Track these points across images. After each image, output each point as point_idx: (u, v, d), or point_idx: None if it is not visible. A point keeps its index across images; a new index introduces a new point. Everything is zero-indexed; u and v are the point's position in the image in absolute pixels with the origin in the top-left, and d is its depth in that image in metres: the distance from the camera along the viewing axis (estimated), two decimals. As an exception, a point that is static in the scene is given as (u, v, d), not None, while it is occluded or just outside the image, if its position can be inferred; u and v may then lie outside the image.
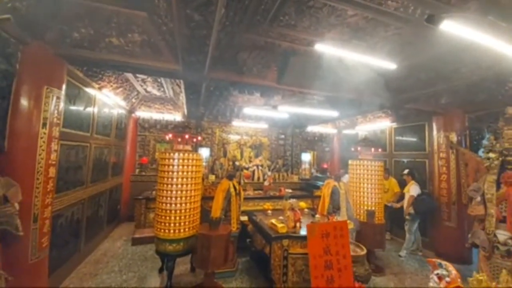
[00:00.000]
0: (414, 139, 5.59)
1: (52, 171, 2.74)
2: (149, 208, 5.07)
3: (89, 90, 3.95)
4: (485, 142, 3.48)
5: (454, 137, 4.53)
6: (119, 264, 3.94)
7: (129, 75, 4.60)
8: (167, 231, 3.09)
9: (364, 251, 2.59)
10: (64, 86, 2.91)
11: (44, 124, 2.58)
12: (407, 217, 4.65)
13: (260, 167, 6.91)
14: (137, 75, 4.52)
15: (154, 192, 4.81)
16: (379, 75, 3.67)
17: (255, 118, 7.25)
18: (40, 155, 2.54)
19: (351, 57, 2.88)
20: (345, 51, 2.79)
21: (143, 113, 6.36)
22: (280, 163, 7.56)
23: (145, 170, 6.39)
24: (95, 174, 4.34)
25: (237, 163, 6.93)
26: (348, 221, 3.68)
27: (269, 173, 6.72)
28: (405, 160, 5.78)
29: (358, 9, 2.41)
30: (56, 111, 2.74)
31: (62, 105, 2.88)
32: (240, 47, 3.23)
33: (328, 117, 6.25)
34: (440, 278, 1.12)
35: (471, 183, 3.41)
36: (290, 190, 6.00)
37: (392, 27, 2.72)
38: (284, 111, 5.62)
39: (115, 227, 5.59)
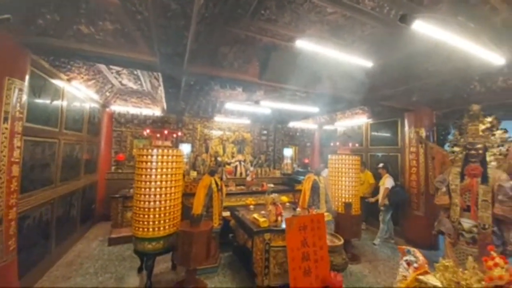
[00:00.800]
0: (388, 135, 5.90)
1: (16, 170, 2.53)
2: (127, 206, 4.87)
3: (56, 81, 3.66)
4: (450, 137, 3.75)
5: (423, 133, 4.87)
6: (95, 265, 3.76)
7: (102, 67, 4.32)
8: (145, 229, 3.00)
9: (341, 241, 2.72)
10: (27, 77, 2.68)
11: (6, 119, 2.37)
12: (382, 208, 4.93)
13: (242, 163, 6.91)
14: (111, 66, 4.26)
15: (131, 190, 4.63)
16: (357, 72, 3.80)
17: (237, 114, 7.20)
18: (1, 152, 2.34)
19: (330, 54, 2.94)
20: (325, 48, 2.84)
21: (118, 107, 6.02)
22: (263, 159, 7.62)
23: (121, 167, 6.11)
24: (66, 172, 4.07)
25: (219, 158, 6.87)
26: (327, 214, 3.84)
27: (252, 169, 6.76)
28: (379, 154, 6.10)
29: (337, 7, 2.46)
30: (18, 105, 2.52)
31: (25, 97, 2.66)
32: (221, 40, 3.16)
33: (309, 113, 6.39)
34: (408, 264, 1.21)
35: (437, 175, 3.67)
36: (272, 185, 6.08)
37: (369, 26, 2.82)
38: (266, 106, 5.64)
39: (90, 227, 5.31)
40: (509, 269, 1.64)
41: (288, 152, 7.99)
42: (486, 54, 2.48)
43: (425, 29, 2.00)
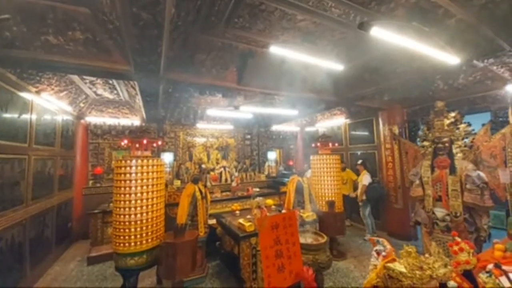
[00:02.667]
0: (365, 133, 6.18)
1: (-20, 190, 2.35)
2: (107, 222, 4.65)
3: (24, 94, 3.48)
4: (420, 132, 4.00)
5: (396, 130, 5.16)
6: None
7: (75, 77, 4.16)
8: (127, 244, 2.87)
9: (325, 239, 2.78)
10: (-7, 91, 2.54)
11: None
12: (360, 203, 5.13)
13: (227, 169, 6.88)
14: (84, 76, 4.11)
15: (111, 204, 4.44)
16: (332, 75, 3.97)
17: (220, 120, 7.20)
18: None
19: (304, 59, 3.06)
20: (299, 53, 2.95)
21: (94, 119, 5.79)
22: (247, 163, 7.63)
23: (100, 181, 5.84)
24: (37, 190, 3.82)
25: (203, 166, 6.79)
26: (312, 213, 3.93)
27: (236, 174, 6.74)
28: (358, 152, 6.35)
29: (306, 14, 2.58)
30: (-18, 120, 2.37)
31: (-11, 113, 2.51)
32: (197, 48, 3.18)
33: (289, 116, 6.53)
34: (378, 253, 1.28)
35: (411, 168, 3.90)
36: (257, 189, 6.10)
37: (338, 32, 2.97)
38: (247, 111, 5.70)
39: (67, 247, 4.99)
40: (475, 254, 1.77)
41: (272, 155, 8.08)
42: (442, 55, 2.71)
43: (383, 34, 2.15)
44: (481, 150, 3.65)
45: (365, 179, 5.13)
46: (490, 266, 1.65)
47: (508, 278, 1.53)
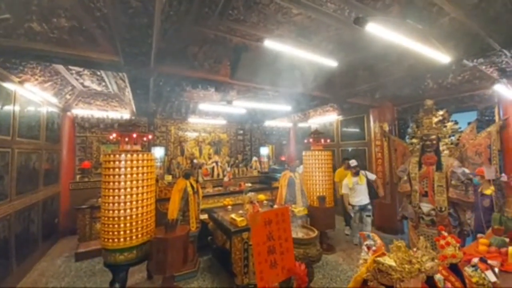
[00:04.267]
0: (357, 130, 6.27)
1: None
2: (95, 217, 4.55)
3: (7, 85, 3.31)
4: (409, 130, 4.08)
5: (386, 127, 5.25)
6: (61, 283, 3.47)
7: (60, 67, 3.98)
8: (116, 240, 2.82)
9: (316, 233, 2.83)
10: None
11: None
12: (369, 206, 4.62)
13: (219, 164, 6.85)
14: (70, 67, 3.94)
15: (100, 200, 4.34)
16: (325, 72, 3.97)
17: (212, 114, 7.12)
18: None
19: (299, 54, 3.04)
20: (293, 48, 2.92)
21: (81, 111, 5.59)
22: (240, 158, 7.62)
23: (88, 175, 5.68)
24: (22, 184, 3.68)
25: (195, 161, 6.73)
26: (303, 208, 3.97)
27: (229, 169, 6.72)
28: (349, 149, 6.45)
29: (301, 8, 2.55)
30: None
31: (-31, 103, 2.37)
32: (190, 40, 3.10)
33: (282, 111, 6.53)
34: (368, 248, 1.32)
35: (399, 165, 3.99)
36: (250, 184, 6.10)
37: (333, 28, 2.96)
38: (240, 106, 5.66)
39: (54, 243, 4.87)
40: (462, 248, 1.82)
41: (264, 150, 8.09)
42: (434, 53, 2.75)
43: (378, 31, 2.16)
44: (466, 147, 3.78)
45: (372, 175, 4.83)
46: (476, 260, 1.70)
47: (494, 272, 1.59)
